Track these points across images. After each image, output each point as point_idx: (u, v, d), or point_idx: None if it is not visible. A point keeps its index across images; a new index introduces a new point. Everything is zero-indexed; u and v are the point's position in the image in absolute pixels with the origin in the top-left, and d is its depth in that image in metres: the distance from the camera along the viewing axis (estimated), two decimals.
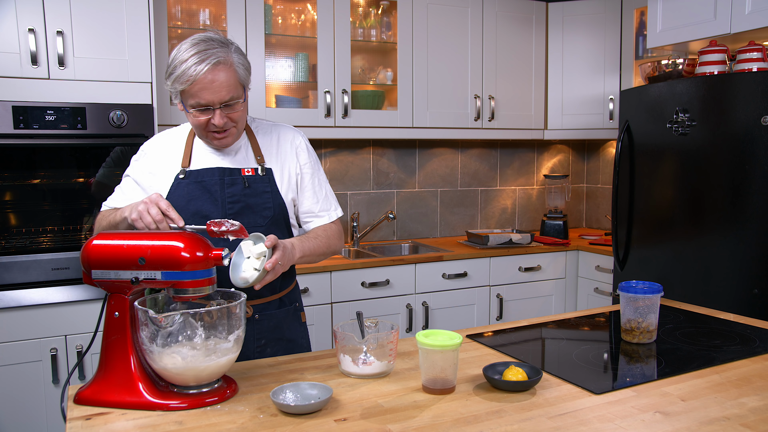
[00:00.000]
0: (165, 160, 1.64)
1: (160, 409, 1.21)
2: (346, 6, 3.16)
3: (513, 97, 3.63)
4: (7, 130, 2.31)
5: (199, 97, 1.48)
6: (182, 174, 1.60)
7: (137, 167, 1.68)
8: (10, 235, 2.40)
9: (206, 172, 1.61)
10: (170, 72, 1.48)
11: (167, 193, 1.60)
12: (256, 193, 1.62)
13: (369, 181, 3.66)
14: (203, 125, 1.54)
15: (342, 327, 1.44)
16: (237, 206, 1.60)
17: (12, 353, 2.34)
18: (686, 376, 1.40)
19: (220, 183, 1.60)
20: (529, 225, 4.16)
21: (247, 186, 1.61)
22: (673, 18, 2.96)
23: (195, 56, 1.45)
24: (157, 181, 1.63)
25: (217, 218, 1.50)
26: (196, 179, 1.60)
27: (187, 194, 1.59)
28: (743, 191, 2.49)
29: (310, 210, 1.73)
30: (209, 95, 1.47)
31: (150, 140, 1.71)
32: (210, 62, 1.45)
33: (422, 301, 3.12)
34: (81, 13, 2.43)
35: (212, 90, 1.47)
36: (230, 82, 1.49)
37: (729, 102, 2.54)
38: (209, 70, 1.45)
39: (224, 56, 1.48)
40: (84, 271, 1.27)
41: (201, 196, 1.59)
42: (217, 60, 1.46)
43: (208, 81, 1.46)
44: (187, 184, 1.60)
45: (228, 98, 1.50)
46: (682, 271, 2.76)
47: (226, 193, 1.60)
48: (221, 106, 1.50)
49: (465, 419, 1.17)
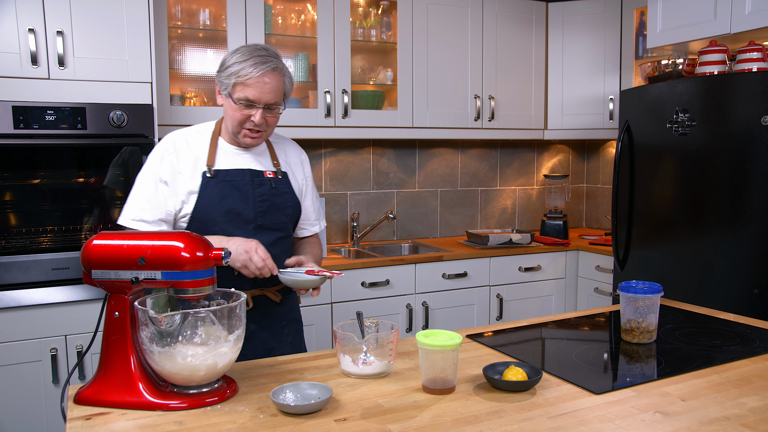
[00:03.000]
0: (189, 160, 1.70)
1: (160, 409, 1.21)
2: (346, 6, 3.16)
3: (513, 97, 3.63)
4: (7, 130, 2.31)
5: (249, 93, 1.63)
6: (209, 173, 1.68)
7: (164, 168, 1.68)
8: (10, 235, 2.40)
9: (237, 173, 1.72)
10: (227, 66, 1.65)
11: (197, 191, 1.67)
12: (280, 193, 1.77)
13: (369, 181, 3.66)
14: (242, 120, 1.67)
15: (342, 327, 1.44)
16: (265, 205, 1.74)
17: (12, 353, 2.34)
18: (686, 376, 1.40)
19: (251, 183, 1.72)
20: (529, 225, 4.16)
21: (273, 186, 1.76)
22: (673, 18, 2.96)
23: (256, 58, 1.63)
24: (185, 180, 1.68)
25: (248, 215, 1.70)
26: (226, 178, 1.70)
27: (218, 192, 1.68)
28: (743, 191, 2.49)
29: (307, 218, 1.91)
30: (258, 94, 1.63)
31: (168, 140, 1.73)
32: (268, 66, 1.63)
33: (422, 301, 3.12)
34: (81, 13, 2.43)
35: (263, 90, 1.63)
36: (277, 89, 1.66)
37: (729, 102, 2.54)
38: (265, 72, 1.63)
39: (279, 66, 1.67)
40: (84, 271, 1.27)
41: (232, 195, 1.69)
42: (274, 66, 1.65)
43: (261, 81, 1.63)
44: (216, 183, 1.68)
45: (272, 102, 1.66)
46: (682, 271, 2.76)
47: (256, 193, 1.73)
48: (264, 107, 1.65)
49: (465, 419, 1.17)
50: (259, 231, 1.72)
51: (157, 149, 1.71)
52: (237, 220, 1.69)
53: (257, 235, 1.69)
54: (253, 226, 1.71)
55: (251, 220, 1.71)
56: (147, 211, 1.65)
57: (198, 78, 3.08)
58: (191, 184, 1.67)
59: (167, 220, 1.67)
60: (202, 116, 2.89)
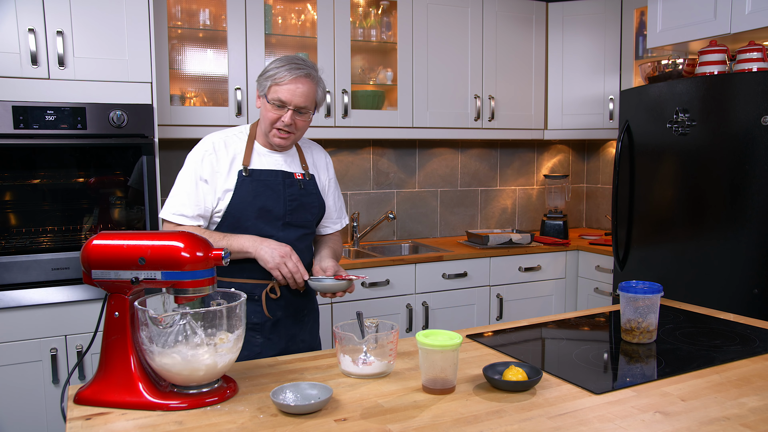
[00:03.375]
0: (227, 159, 1.82)
1: (160, 409, 1.21)
2: (346, 6, 3.16)
3: (513, 97, 3.63)
4: (7, 130, 2.31)
5: (282, 94, 1.76)
6: (245, 172, 1.81)
7: (204, 168, 1.80)
8: (10, 235, 2.40)
9: (269, 173, 1.85)
10: (266, 71, 1.80)
11: (233, 188, 1.79)
12: (308, 193, 1.91)
13: (369, 181, 3.66)
14: (274, 120, 1.79)
15: (342, 327, 1.44)
16: (294, 204, 1.87)
17: (12, 353, 2.34)
18: (686, 376, 1.40)
19: (282, 183, 1.86)
20: (529, 225, 4.16)
21: (302, 187, 1.90)
22: (673, 18, 2.96)
23: (292, 65, 1.77)
24: (223, 179, 1.80)
25: (279, 212, 1.83)
26: (259, 178, 1.83)
27: (252, 190, 1.81)
28: (743, 191, 2.49)
29: (329, 216, 2.04)
30: (290, 96, 1.76)
31: (208, 142, 1.84)
32: (302, 72, 1.77)
33: (422, 301, 3.12)
34: (81, 13, 2.43)
35: (294, 93, 1.76)
36: (309, 94, 1.79)
37: (729, 102, 2.54)
38: (298, 77, 1.76)
39: (313, 74, 1.81)
40: (84, 271, 1.27)
41: (264, 193, 1.82)
42: (308, 73, 1.78)
43: (293, 84, 1.76)
44: (251, 182, 1.81)
45: (303, 105, 1.78)
46: (682, 271, 2.76)
47: (286, 193, 1.86)
48: (294, 109, 1.78)
49: (465, 419, 1.17)
50: (287, 227, 1.86)
51: (198, 150, 1.83)
52: (268, 216, 1.82)
53: (285, 231, 1.84)
54: (282, 222, 1.85)
55: (281, 217, 1.84)
56: (187, 206, 1.78)
57: (198, 78, 3.08)
58: (228, 183, 1.80)
59: (205, 216, 1.81)
60: (202, 116, 2.89)
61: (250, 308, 1.83)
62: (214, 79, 3.08)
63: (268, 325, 1.85)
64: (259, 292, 1.83)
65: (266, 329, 1.86)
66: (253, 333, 1.84)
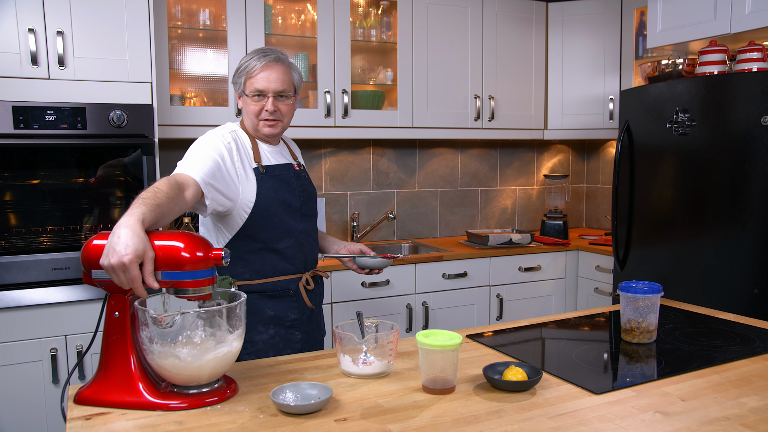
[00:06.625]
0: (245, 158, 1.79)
1: (160, 409, 1.21)
2: (346, 6, 3.16)
3: (513, 97, 3.63)
4: (7, 130, 2.31)
5: (257, 83, 1.76)
6: (262, 169, 1.81)
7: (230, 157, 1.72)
8: (10, 235, 2.40)
9: (281, 168, 1.86)
10: (237, 68, 1.80)
11: (255, 186, 1.76)
12: (309, 183, 1.95)
13: (369, 181, 3.66)
14: (258, 112, 1.79)
15: (342, 327, 1.44)
16: (304, 194, 1.90)
17: (12, 353, 2.34)
18: (686, 376, 1.40)
19: (294, 176, 1.88)
20: (529, 225, 4.16)
21: (304, 177, 1.94)
22: (673, 18, 2.96)
23: (260, 53, 1.78)
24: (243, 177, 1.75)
25: (296, 204, 1.84)
26: (274, 173, 1.83)
27: (273, 186, 1.81)
28: (743, 191, 2.49)
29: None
30: (265, 83, 1.76)
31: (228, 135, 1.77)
32: (270, 58, 1.77)
33: (422, 301, 3.12)
34: (81, 13, 2.43)
35: (269, 79, 1.76)
36: (283, 78, 1.78)
37: (729, 102, 2.54)
38: (269, 63, 1.76)
39: (283, 57, 1.80)
40: (84, 271, 1.27)
41: (282, 188, 1.83)
42: (276, 57, 1.78)
43: (266, 72, 1.76)
44: (269, 178, 1.81)
45: (281, 89, 1.78)
46: (682, 271, 2.76)
47: (297, 184, 1.88)
48: (273, 95, 1.77)
49: (465, 419, 1.17)
50: (303, 218, 1.88)
51: (219, 137, 1.74)
52: (289, 209, 1.83)
53: (302, 222, 1.87)
54: (299, 213, 1.87)
55: (298, 209, 1.86)
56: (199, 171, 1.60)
57: (198, 78, 3.07)
58: (248, 181, 1.76)
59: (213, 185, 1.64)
60: (202, 116, 2.89)
61: (285, 305, 1.82)
62: (214, 79, 3.08)
63: (305, 318, 1.86)
64: (294, 286, 1.83)
65: (303, 323, 1.86)
66: (292, 330, 1.83)
